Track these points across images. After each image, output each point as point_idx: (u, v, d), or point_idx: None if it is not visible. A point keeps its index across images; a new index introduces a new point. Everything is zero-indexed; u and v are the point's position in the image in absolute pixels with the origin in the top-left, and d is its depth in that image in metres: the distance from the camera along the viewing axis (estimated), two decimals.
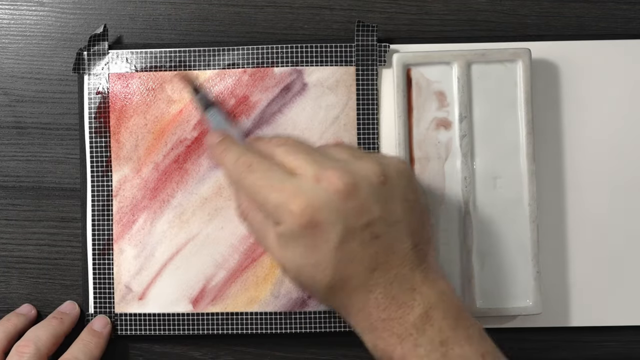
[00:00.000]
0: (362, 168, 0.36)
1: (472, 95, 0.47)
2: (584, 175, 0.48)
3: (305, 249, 0.35)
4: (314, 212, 0.35)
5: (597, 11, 0.49)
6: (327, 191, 0.35)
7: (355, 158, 0.37)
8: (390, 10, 0.49)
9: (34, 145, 0.50)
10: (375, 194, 0.36)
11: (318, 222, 0.35)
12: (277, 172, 0.36)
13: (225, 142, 0.40)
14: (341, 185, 0.35)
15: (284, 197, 0.35)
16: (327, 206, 0.35)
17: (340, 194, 0.35)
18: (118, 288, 0.48)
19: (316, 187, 0.35)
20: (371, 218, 0.35)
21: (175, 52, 0.48)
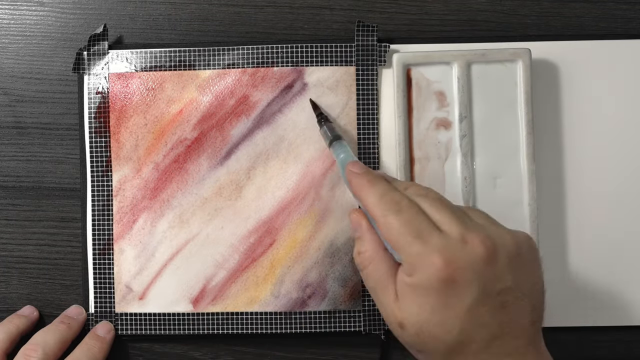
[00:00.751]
0: (500, 236, 0.36)
1: (472, 95, 0.47)
2: (584, 175, 0.48)
3: (436, 305, 0.35)
4: (456, 270, 0.35)
5: (597, 11, 0.49)
6: (472, 253, 0.35)
7: (492, 224, 0.37)
8: (390, 10, 0.49)
9: (34, 145, 0.50)
10: (511, 264, 0.36)
11: (457, 280, 0.35)
12: (424, 221, 0.36)
13: (369, 175, 0.40)
14: (484, 249, 0.35)
15: (429, 248, 0.35)
16: (469, 267, 0.35)
17: (482, 258, 0.35)
18: (118, 288, 0.48)
19: (462, 246, 0.35)
20: (504, 287, 0.35)
21: (175, 52, 0.48)
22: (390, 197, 0.37)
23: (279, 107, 0.48)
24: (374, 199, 0.38)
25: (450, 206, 0.38)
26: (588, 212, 0.48)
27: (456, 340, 0.35)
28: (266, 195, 0.48)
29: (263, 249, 0.48)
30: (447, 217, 0.36)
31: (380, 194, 0.38)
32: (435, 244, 0.35)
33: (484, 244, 0.35)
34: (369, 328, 0.47)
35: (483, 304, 0.35)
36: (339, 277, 0.47)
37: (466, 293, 0.35)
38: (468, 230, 0.36)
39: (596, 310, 0.48)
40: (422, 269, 0.35)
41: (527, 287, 0.36)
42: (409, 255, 0.36)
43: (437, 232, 0.36)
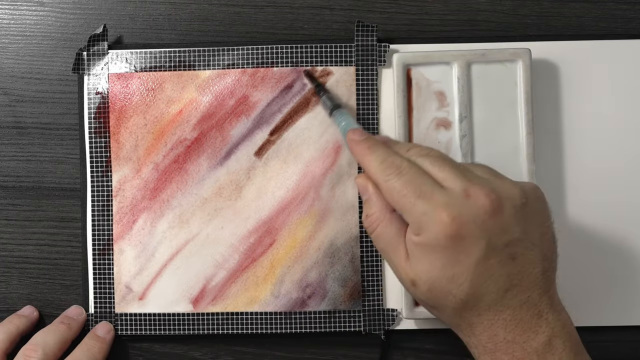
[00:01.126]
0: (505, 188, 0.36)
1: (472, 95, 0.47)
2: (584, 175, 0.48)
3: (445, 261, 0.35)
4: (462, 225, 0.35)
5: (597, 11, 0.49)
6: (475, 207, 0.35)
7: (496, 177, 0.38)
8: (390, 10, 0.49)
9: (34, 145, 0.50)
10: (517, 215, 0.36)
11: (464, 235, 0.35)
12: (426, 180, 0.36)
13: (370, 141, 0.40)
14: (489, 202, 0.35)
15: (432, 206, 0.35)
16: (474, 221, 0.35)
17: (487, 211, 0.35)
18: (118, 288, 0.48)
19: (465, 201, 0.35)
20: (511, 238, 0.36)
21: (175, 52, 0.48)
22: (391, 161, 0.38)
23: (279, 107, 0.48)
24: (374, 164, 0.38)
25: (452, 163, 0.38)
26: (588, 212, 0.48)
27: (468, 294, 0.36)
28: (266, 195, 0.48)
29: (263, 249, 0.48)
30: (449, 173, 0.37)
31: (381, 159, 0.38)
32: (438, 201, 0.35)
33: (488, 196, 0.35)
34: (369, 328, 0.47)
35: (491, 256, 0.35)
36: (339, 277, 0.47)
37: (474, 247, 0.35)
38: (471, 184, 0.36)
39: (596, 310, 0.48)
40: (428, 227, 0.35)
41: (536, 237, 0.37)
42: (414, 215, 0.36)
43: (440, 189, 0.36)
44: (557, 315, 0.37)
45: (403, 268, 0.37)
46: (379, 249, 0.40)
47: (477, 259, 0.35)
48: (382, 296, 0.48)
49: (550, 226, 0.38)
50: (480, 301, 0.36)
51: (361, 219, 0.43)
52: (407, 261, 0.37)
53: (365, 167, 0.39)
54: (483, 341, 0.37)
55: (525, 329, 0.36)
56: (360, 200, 0.47)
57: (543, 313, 0.36)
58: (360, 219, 0.47)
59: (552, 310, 0.36)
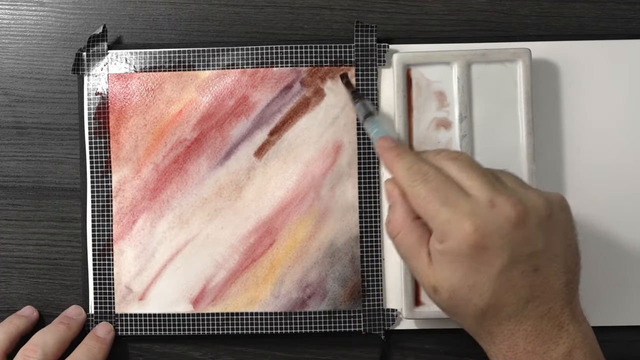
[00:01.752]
0: (531, 199, 0.36)
1: (472, 95, 0.47)
2: (584, 175, 0.48)
3: (468, 270, 0.35)
4: (485, 235, 0.35)
5: (597, 11, 0.49)
6: (500, 217, 0.35)
7: (522, 187, 0.37)
8: (390, 10, 0.49)
9: (34, 145, 0.50)
10: (541, 226, 0.36)
11: (487, 245, 0.35)
12: (452, 188, 0.36)
13: (398, 148, 0.40)
14: (514, 213, 0.35)
15: (457, 214, 0.35)
16: (498, 231, 0.35)
17: (511, 222, 0.35)
18: (118, 288, 0.48)
19: (490, 211, 0.35)
20: (535, 250, 0.35)
21: (175, 52, 0.48)
22: (418, 167, 0.38)
23: (279, 107, 0.48)
24: (402, 171, 0.38)
25: (480, 170, 0.37)
26: (588, 212, 0.48)
27: (488, 304, 0.36)
28: (266, 195, 0.48)
29: (263, 249, 0.48)
30: (476, 181, 0.36)
31: (408, 165, 0.38)
32: (463, 210, 0.35)
33: (513, 207, 0.35)
34: (369, 328, 0.47)
35: (514, 267, 0.35)
36: (339, 277, 0.47)
37: (497, 258, 0.35)
38: (497, 193, 0.36)
39: (596, 310, 0.48)
40: (452, 236, 0.35)
41: (559, 249, 0.36)
42: (438, 223, 0.36)
43: (465, 198, 0.36)
44: (579, 327, 0.36)
45: (425, 274, 0.37)
46: (400, 255, 0.40)
47: (499, 269, 0.35)
48: (382, 296, 0.48)
49: (574, 238, 0.38)
50: (501, 311, 0.36)
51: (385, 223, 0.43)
52: (429, 267, 0.37)
53: (394, 173, 0.39)
54: (503, 350, 0.37)
55: (546, 339, 0.36)
56: (360, 200, 0.47)
57: (564, 324, 0.36)
58: (361, 219, 0.47)
59: (573, 321, 0.36)
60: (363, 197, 0.48)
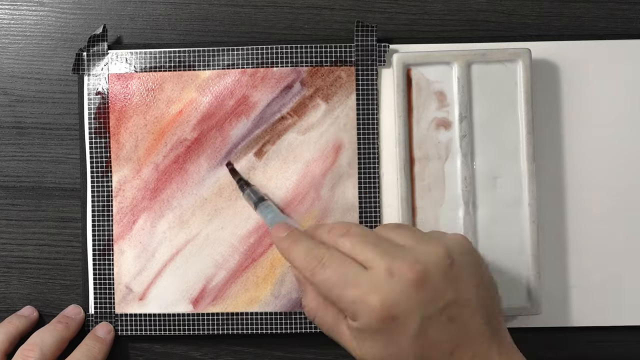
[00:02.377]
0: (428, 253, 0.36)
1: (472, 95, 0.47)
2: (584, 175, 0.48)
3: (385, 343, 0.36)
4: (392, 307, 0.35)
5: (597, 11, 0.49)
6: (401, 284, 0.35)
7: (418, 242, 0.37)
8: (390, 10, 0.49)
9: (34, 145, 0.50)
10: (446, 277, 0.36)
11: (396, 315, 0.35)
12: (349, 267, 0.36)
13: (292, 236, 0.40)
14: (413, 275, 0.35)
15: (359, 293, 0.35)
16: (403, 298, 0.35)
17: (413, 285, 0.35)
18: (118, 288, 0.48)
19: (390, 280, 0.35)
20: (445, 302, 0.35)
21: (175, 52, 0.48)
22: (313, 254, 0.38)
23: (279, 107, 0.48)
24: (299, 260, 0.38)
25: (372, 240, 0.38)
26: (588, 212, 0.48)
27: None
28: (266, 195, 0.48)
29: (263, 249, 0.48)
30: (369, 253, 0.36)
31: (304, 254, 0.38)
32: (364, 287, 0.35)
33: (411, 269, 0.35)
34: None
35: (429, 325, 0.35)
36: None
37: (408, 323, 0.35)
38: (393, 260, 0.36)
39: (596, 310, 0.48)
40: (361, 314, 0.35)
41: (470, 291, 0.36)
42: (346, 304, 0.36)
43: (364, 273, 0.36)
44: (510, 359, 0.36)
45: (351, 348, 0.38)
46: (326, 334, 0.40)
47: (414, 333, 0.35)
48: None
49: (483, 274, 0.38)
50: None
51: None
52: (352, 341, 0.37)
53: (292, 263, 0.39)
54: None
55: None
56: (360, 200, 0.47)
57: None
58: (361, 219, 0.47)
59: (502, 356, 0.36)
60: (363, 197, 0.48)
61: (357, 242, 0.38)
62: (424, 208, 0.47)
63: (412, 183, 0.47)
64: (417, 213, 0.47)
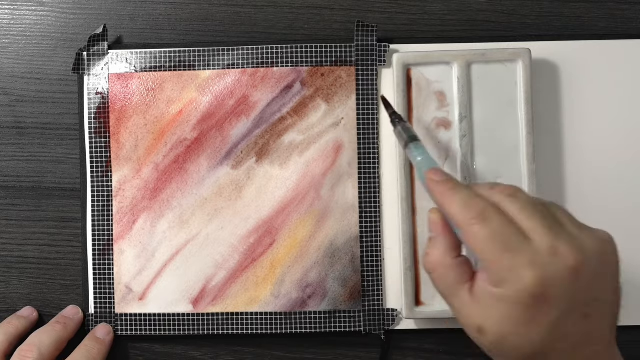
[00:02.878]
0: (589, 244, 0.35)
1: (472, 95, 0.47)
2: (584, 175, 0.48)
3: (522, 318, 0.34)
4: (547, 286, 0.34)
5: (597, 11, 0.49)
6: (562, 267, 0.34)
7: (578, 229, 0.36)
8: (390, 10, 0.49)
9: (34, 145, 0.50)
10: (597, 273, 0.35)
11: (547, 296, 0.34)
12: (513, 231, 0.34)
13: (450, 182, 0.38)
14: (575, 263, 0.34)
15: (519, 262, 0.34)
16: (559, 282, 0.34)
17: (572, 272, 0.34)
18: (118, 288, 0.48)
19: (552, 260, 0.34)
20: (589, 298, 0.35)
21: (175, 52, 0.48)
22: (475, 204, 0.36)
23: (279, 107, 0.48)
24: (457, 207, 0.36)
25: (540, 210, 0.36)
26: (588, 212, 0.48)
27: (537, 351, 0.35)
28: (266, 195, 0.48)
29: (263, 249, 0.48)
30: (537, 224, 0.35)
31: (465, 201, 0.36)
32: (525, 258, 0.34)
33: (575, 257, 0.34)
34: (369, 328, 0.47)
35: (569, 316, 0.34)
36: (339, 277, 0.47)
37: (554, 308, 0.34)
38: (559, 240, 0.34)
39: None
40: (511, 283, 0.34)
41: (609, 294, 0.36)
42: (498, 268, 0.34)
43: (527, 244, 0.34)
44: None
45: (468, 313, 0.36)
46: (437, 290, 0.38)
47: (555, 319, 0.34)
48: (382, 296, 0.48)
49: (618, 280, 0.37)
50: (549, 357, 0.35)
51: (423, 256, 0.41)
52: (473, 307, 0.36)
53: (447, 209, 0.37)
54: None
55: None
56: (360, 200, 0.47)
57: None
58: (361, 219, 0.47)
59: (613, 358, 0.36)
60: (363, 197, 0.48)
61: (524, 207, 0.36)
62: (424, 208, 0.47)
63: (412, 183, 0.47)
64: (417, 213, 0.47)
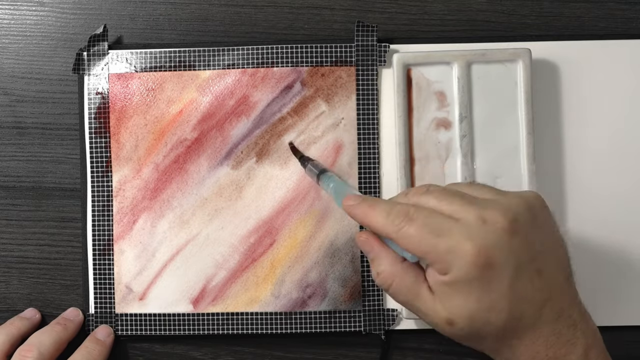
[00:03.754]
0: (515, 204, 0.36)
1: (472, 95, 0.47)
2: (584, 175, 0.48)
3: (480, 293, 0.35)
4: (489, 253, 0.34)
5: (597, 11, 0.49)
6: (495, 231, 0.34)
7: (499, 195, 0.37)
8: (390, 10, 0.49)
9: (34, 145, 0.50)
10: (533, 227, 0.35)
11: (492, 262, 0.34)
12: (439, 217, 0.35)
13: (368, 200, 0.39)
14: (506, 223, 0.35)
15: (453, 242, 0.34)
16: (498, 246, 0.34)
17: (506, 232, 0.34)
18: (118, 288, 0.48)
19: (484, 228, 0.35)
20: (534, 252, 0.35)
21: (175, 52, 0.48)
22: (397, 209, 0.37)
23: (279, 107, 0.48)
24: (381, 218, 0.37)
25: (456, 193, 0.37)
26: (588, 212, 0.48)
27: (506, 320, 0.35)
28: (266, 195, 0.48)
29: (263, 249, 0.48)
30: (457, 204, 0.36)
31: (386, 211, 0.37)
32: (459, 235, 0.34)
33: (505, 217, 0.35)
34: (369, 328, 0.47)
35: (521, 276, 0.35)
36: (339, 277, 0.47)
37: (504, 272, 0.34)
38: (483, 209, 0.35)
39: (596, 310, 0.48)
40: (456, 264, 0.35)
41: (552, 245, 0.36)
42: (438, 255, 0.35)
43: (456, 223, 0.35)
44: (588, 324, 0.36)
45: (433, 311, 0.36)
46: (399, 303, 0.39)
47: (509, 282, 0.34)
48: (382, 296, 0.48)
49: (559, 231, 0.38)
50: (520, 323, 0.35)
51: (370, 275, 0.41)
52: (435, 303, 0.36)
53: (372, 225, 0.38)
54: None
55: (564, 342, 0.35)
56: None
57: (577, 323, 0.36)
58: None
59: (583, 319, 0.36)
60: None
61: (441, 196, 0.37)
62: None
63: (412, 183, 0.47)
64: None
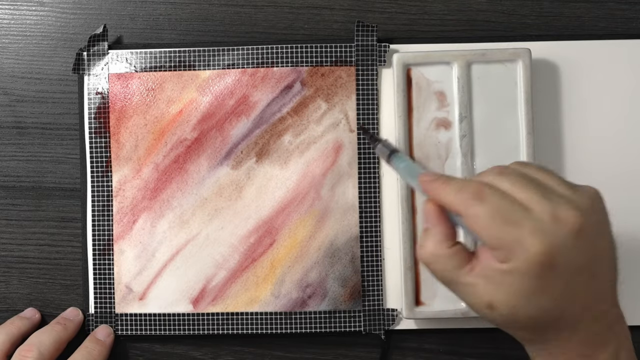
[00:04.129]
0: (584, 203, 0.35)
1: (472, 95, 0.47)
2: (584, 175, 0.48)
3: (534, 289, 0.34)
4: (554, 253, 0.33)
5: (597, 11, 0.49)
6: (565, 230, 0.34)
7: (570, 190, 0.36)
8: (390, 10, 0.49)
9: (34, 145, 0.50)
10: (597, 231, 0.35)
11: (556, 264, 0.33)
12: (511, 204, 0.34)
13: (443, 177, 0.37)
14: (577, 225, 0.34)
15: (522, 234, 0.33)
16: (564, 247, 0.33)
17: (575, 234, 0.34)
18: (118, 288, 0.48)
19: (555, 226, 0.33)
20: (593, 256, 0.34)
21: (175, 52, 0.48)
22: (469, 187, 0.35)
23: (279, 107, 0.48)
24: (452, 194, 0.36)
25: (532, 181, 0.36)
26: None
27: (551, 317, 0.34)
28: (266, 195, 0.48)
29: (263, 249, 0.48)
30: (532, 194, 0.34)
31: (459, 187, 0.36)
32: (528, 228, 0.33)
33: (575, 218, 0.34)
34: (369, 328, 0.47)
35: (578, 278, 0.34)
36: (339, 277, 0.47)
37: (564, 274, 0.34)
38: (557, 205, 0.34)
39: None
40: (519, 256, 0.33)
41: (607, 249, 0.36)
42: (503, 243, 0.34)
43: (527, 214, 0.34)
44: (622, 325, 0.36)
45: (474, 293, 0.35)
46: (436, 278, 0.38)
47: (564, 284, 0.34)
48: (382, 296, 0.48)
49: (612, 234, 0.37)
50: (560, 321, 0.35)
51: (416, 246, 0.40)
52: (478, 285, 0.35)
53: (444, 200, 0.36)
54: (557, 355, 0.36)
55: (599, 342, 0.35)
56: (360, 200, 0.47)
57: (612, 324, 0.35)
58: (361, 219, 0.47)
59: (619, 321, 0.36)
60: (363, 197, 0.48)
61: (516, 181, 0.35)
62: None
63: None
64: (417, 213, 0.47)
